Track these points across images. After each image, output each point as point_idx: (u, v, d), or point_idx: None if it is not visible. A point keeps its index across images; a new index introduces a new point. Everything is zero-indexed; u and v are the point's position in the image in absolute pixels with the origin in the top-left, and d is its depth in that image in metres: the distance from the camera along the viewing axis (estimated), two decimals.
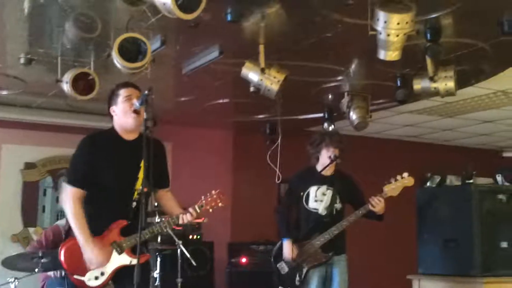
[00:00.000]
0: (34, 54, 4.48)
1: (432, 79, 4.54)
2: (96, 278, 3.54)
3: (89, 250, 3.51)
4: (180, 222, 3.69)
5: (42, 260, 4.56)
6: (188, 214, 3.68)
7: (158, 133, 3.64)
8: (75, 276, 3.51)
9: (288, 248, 4.68)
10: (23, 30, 4.19)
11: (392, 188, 4.62)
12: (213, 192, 3.80)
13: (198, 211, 3.73)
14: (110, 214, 3.61)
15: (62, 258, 3.54)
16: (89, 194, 3.62)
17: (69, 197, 3.58)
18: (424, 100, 5.80)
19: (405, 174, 4.65)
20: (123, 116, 3.62)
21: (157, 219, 4.89)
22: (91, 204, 3.62)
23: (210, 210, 3.78)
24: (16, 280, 4.59)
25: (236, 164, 7.54)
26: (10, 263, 4.78)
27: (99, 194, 3.61)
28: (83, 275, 3.52)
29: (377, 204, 4.57)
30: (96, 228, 3.58)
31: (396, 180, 4.63)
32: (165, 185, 3.86)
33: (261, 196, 7.34)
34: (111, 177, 3.60)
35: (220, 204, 3.80)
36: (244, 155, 7.48)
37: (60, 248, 3.59)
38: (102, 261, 3.54)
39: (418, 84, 4.68)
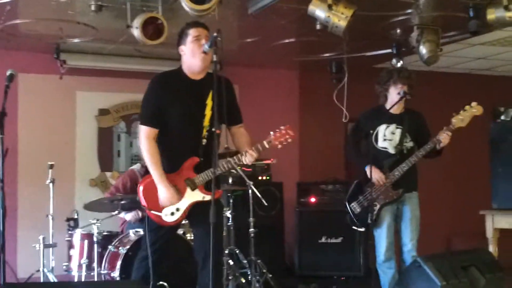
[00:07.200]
0: (104, 1, 4.56)
1: (507, 8, 4.38)
2: (172, 213, 3.68)
3: (162, 188, 3.64)
4: (244, 162, 3.72)
5: (122, 202, 4.78)
6: (248, 156, 3.68)
7: (224, 75, 3.68)
8: (153, 212, 3.67)
9: (373, 171, 4.58)
10: None
11: (461, 118, 4.53)
12: (282, 127, 3.79)
13: (267, 146, 3.73)
14: (182, 152, 3.71)
15: (141, 194, 3.69)
16: (161, 133, 3.72)
17: (144, 137, 3.70)
18: (497, 30, 5.56)
19: (473, 103, 4.55)
20: (192, 57, 3.68)
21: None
22: (163, 143, 3.73)
23: (279, 145, 3.76)
24: (98, 222, 4.81)
25: (302, 104, 7.52)
26: (92, 207, 5.05)
27: (170, 133, 3.71)
28: (160, 211, 3.67)
29: (445, 139, 4.50)
30: (170, 166, 3.70)
31: (464, 110, 4.54)
32: (238, 121, 3.89)
33: (328, 135, 7.33)
34: (179, 114, 3.68)
35: (288, 140, 3.78)
36: (310, 95, 7.44)
37: (138, 185, 3.74)
38: (174, 199, 3.66)
39: (492, 14, 4.50)
